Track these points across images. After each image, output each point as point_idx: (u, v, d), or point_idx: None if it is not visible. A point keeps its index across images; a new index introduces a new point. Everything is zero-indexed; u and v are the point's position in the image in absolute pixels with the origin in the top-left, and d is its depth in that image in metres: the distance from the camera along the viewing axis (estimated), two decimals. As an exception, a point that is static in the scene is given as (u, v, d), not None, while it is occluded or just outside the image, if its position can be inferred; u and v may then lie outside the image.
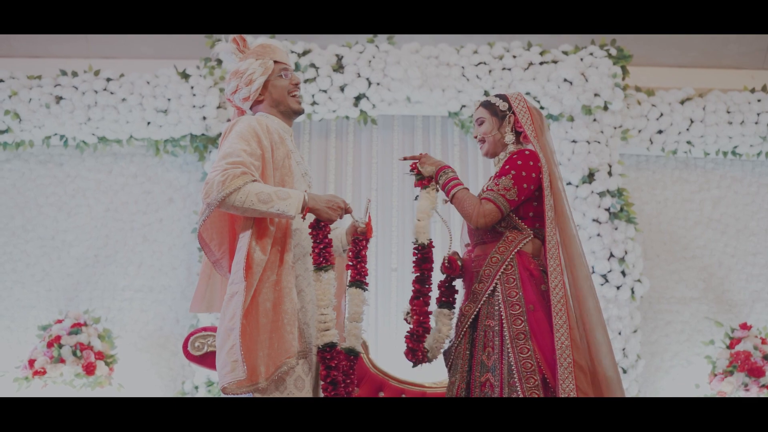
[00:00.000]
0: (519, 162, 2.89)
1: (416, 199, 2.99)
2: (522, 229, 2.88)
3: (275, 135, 2.76)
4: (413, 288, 2.94)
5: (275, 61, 2.90)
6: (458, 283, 3.05)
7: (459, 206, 2.89)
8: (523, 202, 2.89)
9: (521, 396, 2.64)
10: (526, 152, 2.92)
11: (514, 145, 3.01)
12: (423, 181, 2.97)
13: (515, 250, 2.85)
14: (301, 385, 2.64)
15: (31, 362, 4.64)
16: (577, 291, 2.84)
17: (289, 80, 2.91)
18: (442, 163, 2.97)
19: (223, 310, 2.63)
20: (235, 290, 2.59)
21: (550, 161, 2.94)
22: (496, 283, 2.83)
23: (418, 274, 2.93)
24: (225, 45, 2.97)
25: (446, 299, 3.01)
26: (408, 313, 2.95)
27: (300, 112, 2.94)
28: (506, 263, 2.84)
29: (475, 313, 2.87)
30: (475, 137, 3.08)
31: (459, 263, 3.00)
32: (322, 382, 2.66)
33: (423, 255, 2.93)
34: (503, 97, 3.03)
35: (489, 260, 2.88)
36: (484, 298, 2.85)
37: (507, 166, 2.90)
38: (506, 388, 2.68)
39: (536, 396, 2.64)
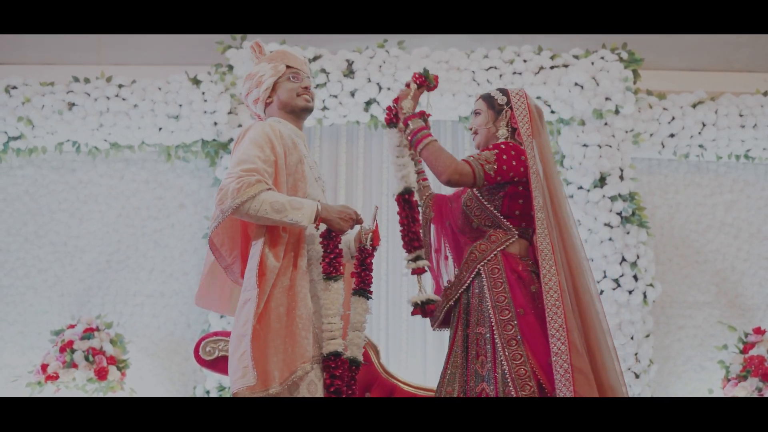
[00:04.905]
0: (503, 147, 2.86)
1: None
2: (507, 228, 2.85)
3: (288, 140, 2.77)
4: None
5: (287, 66, 2.92)
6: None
7: (432, 158, 2.80)
8: (499, 188, 2.84)
9: None
10: (510, 143, 2.88)
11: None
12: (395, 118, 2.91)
13: (499, 249, 2.81)
14: (314, 389, 2.65)
15: (44, 367, 4.67)
16: (579, 299, 2.77)
17: (299, 84, 2.91)
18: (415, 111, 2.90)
19: (237, 316, 2.65)
20: (248, 297, 2.61)
21: (548, 162, 2.89)
22: (476, 276, 2.80)
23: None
24: (243, 52, 2.99)
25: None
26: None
27: (308, 110, 2.94)
28: (487, 260, 2.80)
29: (455, 298, 2.86)
30: (470, 129, 3.04)
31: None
32: (324, 391, 2.67)
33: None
34: (504, 92, 2.99)
35: (468, 257, 2.86)
36: (462, 289, 2.84)
37: (491, 147, 2.87)
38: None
39: None
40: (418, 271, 2.89)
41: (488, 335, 2.73)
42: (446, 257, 3.09)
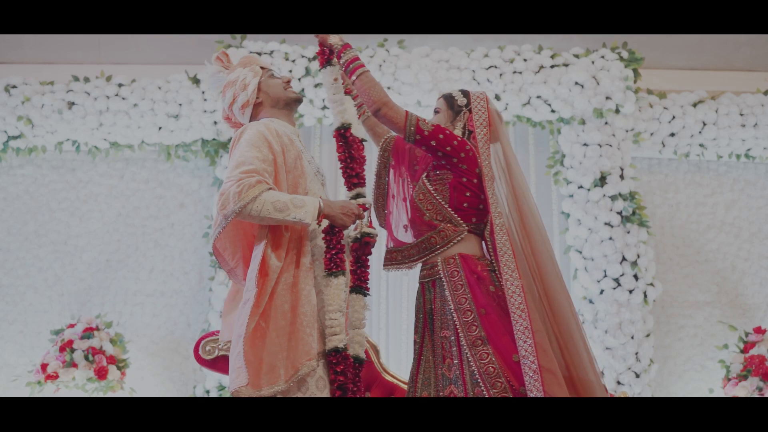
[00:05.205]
0: (449, 127, 2.91)
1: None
2: (457, 223, 2.85)
3: (284, 137, 2.77)
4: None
5: (261, 67, 2.96)
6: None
7: (367, 87, 2.82)
8: (444, 176, 2.86)
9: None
10: (461, 137, 2.92)
11: None
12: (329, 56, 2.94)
13: (450, 245, 2.82)
14: (322, 385, 2.65)
15: (44, 366, 4.66)
16: (549, 300, 2.79)
17: (280, 78, 2.95)
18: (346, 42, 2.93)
19: (237, 317, 2.65)
20: (248, 297, 2.61)
21: (512, 165, 2.92)
22: (431, 268, 2.84)
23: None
24: (209, 67, 3.00)
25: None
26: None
27: (299, 101, 2.97)
28: (441, 251, 2.83)
29: (403, 267, 2.92)
30: None
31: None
32: (330, 387, 2.67)
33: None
34: (465, 93, 3.01)
35: (419, 244, 2.88)
36: (409, 262, 2.89)
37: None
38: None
39: None
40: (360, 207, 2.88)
41: (453, 338, 2.75)
42: (404, 198, 3.09)
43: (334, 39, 2.92)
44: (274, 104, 2.91)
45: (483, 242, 2.90)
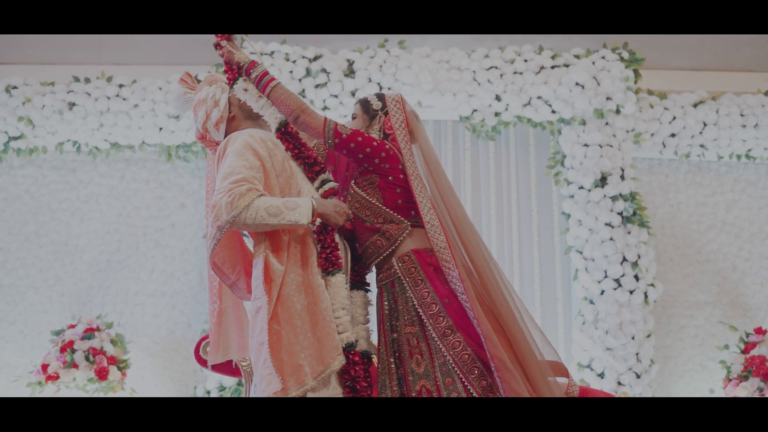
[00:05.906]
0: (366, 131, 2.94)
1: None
2: (398, 221, 2.86)
3: (269, 142, 2.79)
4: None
5: (225, 82, 2.97)
6: None
7: (283, 99, 2.84)
8: (371, 179, 2.87)
9: (470, 390, 2.63)
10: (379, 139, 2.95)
11: None
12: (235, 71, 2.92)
13: (398, 242, 2.83)
14: (341, 380, 2.67)
15: (44, 367, 4.67)
16: (492, 298, 2.82)
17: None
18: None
19: (251, 327, 2.66)
20: (259, 305, 2.62)
21: (434, 164, 2.96)
22: (386, 270, 2.83)
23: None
24: (176, 87, 3.01)
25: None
26: None
27: None
28: (396, 250, 2.83)
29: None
30: None
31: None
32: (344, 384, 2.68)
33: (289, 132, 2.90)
34: (380, 97, 3.04)
35: (365, 251, 2.88)
36: (374, 261, 2.87)
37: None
38: (444, 391, 2.68)
39: (485, 384, 2.65)
40: (329, 192, 2.89)
41: (420, 333, 2.76)
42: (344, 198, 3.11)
43: (240, 56, 2.93)
44: (247, 116, 2.92)
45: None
